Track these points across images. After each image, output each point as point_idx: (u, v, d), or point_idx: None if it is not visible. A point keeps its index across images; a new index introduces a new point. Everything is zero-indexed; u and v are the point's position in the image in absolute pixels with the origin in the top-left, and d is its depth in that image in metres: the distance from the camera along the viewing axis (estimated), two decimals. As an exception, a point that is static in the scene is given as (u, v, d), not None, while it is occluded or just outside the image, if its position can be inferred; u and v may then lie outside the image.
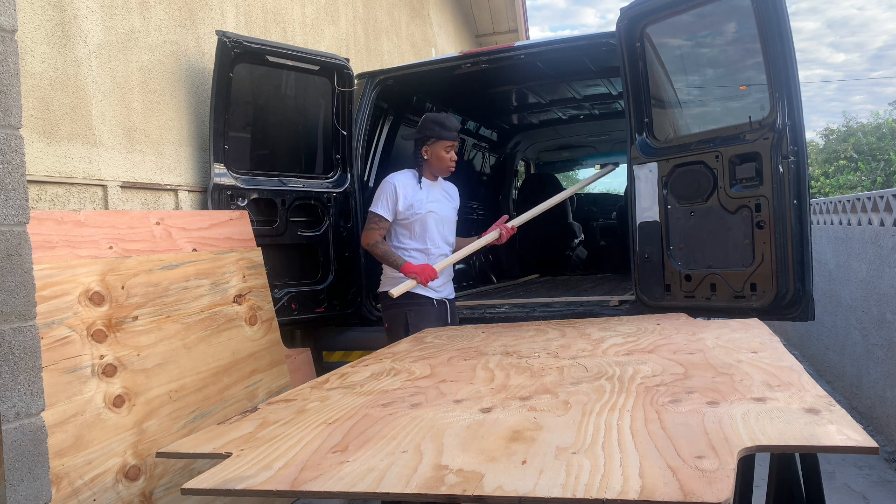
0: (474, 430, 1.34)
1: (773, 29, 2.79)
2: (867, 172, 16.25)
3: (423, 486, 1.08)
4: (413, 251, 3.31)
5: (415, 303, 3.24)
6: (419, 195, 3.31)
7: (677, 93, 3.59)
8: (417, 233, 3.30)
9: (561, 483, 1.03)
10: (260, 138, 3.70)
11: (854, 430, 1.16)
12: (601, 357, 2.04)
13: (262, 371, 3.09)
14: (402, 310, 3.24)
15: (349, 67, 3.96)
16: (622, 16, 3.27)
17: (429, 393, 1.71)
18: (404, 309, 3.24)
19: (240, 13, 3.96)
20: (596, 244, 6.98)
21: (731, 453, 1.10)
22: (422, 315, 3.23)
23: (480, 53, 4.11)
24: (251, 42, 3.48)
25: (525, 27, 10.27)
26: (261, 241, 3.42)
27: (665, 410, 1.39)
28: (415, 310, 3.24)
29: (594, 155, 7.85)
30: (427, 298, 3.27)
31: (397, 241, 3.34)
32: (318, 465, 1.21)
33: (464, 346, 2.44)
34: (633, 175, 3.28)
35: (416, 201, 3.28)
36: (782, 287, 2.83)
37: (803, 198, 2.84)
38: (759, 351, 1.95)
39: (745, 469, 1.94)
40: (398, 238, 3.34)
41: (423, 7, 7.50)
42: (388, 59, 6.19)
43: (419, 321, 3.20)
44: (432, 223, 3.33)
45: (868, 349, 4.11)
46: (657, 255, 3.18)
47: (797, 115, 2.81)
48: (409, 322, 3.22)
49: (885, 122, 17.84)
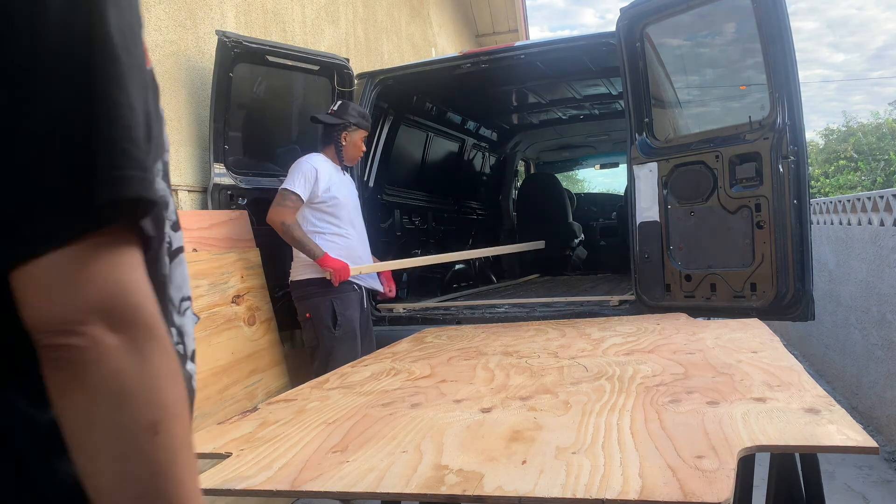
0: (474, 430, 1.34)
1: (773, 29, 2.79)
2: (867, 172, 16.25)
3: (423, 486, 1.08)
4: (331, 235, 3.23)
5: (341, 291, 3.17)
6: (335, 178, 3.27)
7: (677, 93, 3.59)
8: (335, 217, 3.24)
9: (561, 483, 1.03)
10: (260, 138, 3.70)
11: (854, 430, 1.16)
12: (601, 357, 2.04)
13: (261, 371, 3.09)
14: (328, 298, 3.16)
15: (349, 67, 3.96)
16: (622, 16, 3.27)
17: (429, 393, 1.71)
18: (330, 297, 3.16)
19: (240, 13, 3.96)
20: (596, 244, 6.98)
21: (731, 453, 1.10)
22: (346, 303, 3.19)
23: (480, 53, 4.11)
24: (251, 42, 3.48)
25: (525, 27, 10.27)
26: (260, 241, 3.42)
27: (665, 410, 1.39)
28: (341, 297, 3.17)
29: (594, 155, 7.85)
30: (352, 286, 3.24)
31: (311, 226, 3.22)
32: (318, 465, 1.21)
33: (464, 346, 2.44)
34: (632, 175, 3.28)
35: (333, 185, 3.24)
36: (782, 287, 2.84)
37: (803, 198, 2.84)
38: (759, 351, 1.95)
39: (745, 469, 1.94)
40: (312, 223, 3.23)
41: (423, 7, 7.50)
42: (388, 59, 6.19)
43: (345, 309, 3.17)
44: (351, 208, 3.34)
45: (868, 349, 4.11)
46: (657, 255, 3.18)
47: (797, 115, 2.81)
48: (335, 310, 3.16)
49: (885, 122, 17.84)
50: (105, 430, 0.53)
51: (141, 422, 0.53)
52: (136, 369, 0.53)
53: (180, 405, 0.57)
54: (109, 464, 0.53)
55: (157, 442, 0.54)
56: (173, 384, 0.56)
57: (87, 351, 0.52)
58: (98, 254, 0.53)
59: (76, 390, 0.52)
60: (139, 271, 0.56)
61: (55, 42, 0.52)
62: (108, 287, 0.53)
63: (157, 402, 0.54)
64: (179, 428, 0.56)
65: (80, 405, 0.53)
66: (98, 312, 0.52)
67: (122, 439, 0.53)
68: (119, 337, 0.53)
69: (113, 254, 0.54)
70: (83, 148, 0.52)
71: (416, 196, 5.32)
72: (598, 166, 8.41)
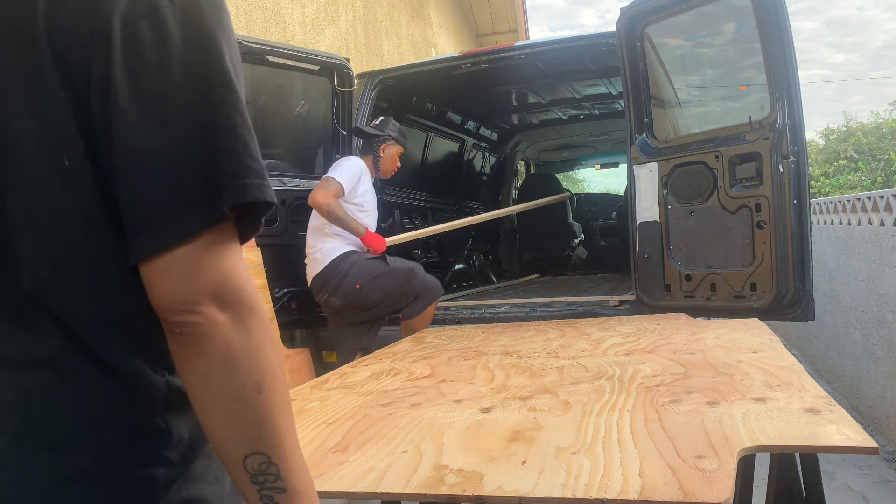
0: (474, 430, 1.34)
1: (773, 29, 2.79)
2: (867, 172, 16.24)
3: (423, 486, 1.08)
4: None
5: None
6: (369, 186, 3.52)
7: (677, 93, 3.59)
8: (361, 218, 3.45)
9: (561, 483, 1.03)
10: (260, 138, 3.66)
11: (854, 430, 1.16)
12: (601, 357, 2.04)
13: (261, 371, 3.09)
14: (364, 257, 3.40)
15: (349, 67, 3.96)
16: (622, 16, 3.27)
17: (429, 393, 1.71)
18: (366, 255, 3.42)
19: (240, 13, 3.96)
20: (596, 244, 6.98)
21: (731, 453, 1.10)
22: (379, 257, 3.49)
23: (480, 53, 4.11)
24: (251, 42, 3.48)
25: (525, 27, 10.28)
26: (261, 241, 3.41)
27: (665, 410, 1.39)
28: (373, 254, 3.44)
29: (594, 155, 7.85)
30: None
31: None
32: (318, 465, 1.21)
33: (464, 346, 2.44)
34: (633, 175, 3.28)
35: (368, 191, 3.48)
36: (782, 287, 2.83)
37: (803, 198, 2.84)
38: (759, 351, 1.95)
39: (745, 469, 1.94)
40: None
41: (423, 7, 7.50)
42: (388, 59, 6.19)
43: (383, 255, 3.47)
44: (375, 215, 3.58)
45: (868, 349, 4.11)
46: (657, 255, 3.18)
47: (797, 115, 2.81)
48: (378, 259, 3.42)
49: (885, 122, 17.82)
50: (219, 390, 0.66)
51: (248, 382, 0.66)
52: (242, 340, 0.66)
53: (278, 369, 0.69)
54: (224, 416, 0.67)
55: (261, 399, 0.67)
56: (272, 352, 0.69)
57: (202, 326, 0.64)
58: (212, 247, 0.65)
59: (195, 358, 0.65)
60: (240, 259, 0.68)
61: (182, 74, 0.64)
62: (219, 274, 0.65)
63: (259, 367, 0.67)
64: (279, 387, 0.69)
65: (200, 370, 0.66)
66: (211, 295, 0.64)
67: (233, 397, 0.66)
68: (227, 314, 0.65)
69: (222, 246, 0.66)
70: (211, 163, 0.65)
71: (416, 196, 5.32)
72: (598, 166, 8.41)
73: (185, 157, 0.64)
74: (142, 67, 0.63)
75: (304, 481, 0.71)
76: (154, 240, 0.63)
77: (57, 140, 0.65)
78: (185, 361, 0.66)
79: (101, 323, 0.68)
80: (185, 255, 0.64)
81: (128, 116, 0.63)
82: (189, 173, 0.64)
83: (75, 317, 0.67)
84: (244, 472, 0.68)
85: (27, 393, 0.67)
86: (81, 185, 0.65)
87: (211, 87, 0.66)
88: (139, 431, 0.69)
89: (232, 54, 0.68)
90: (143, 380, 0.69)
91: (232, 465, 0.68)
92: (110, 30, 0.63)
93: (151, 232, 0.63)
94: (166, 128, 0.63)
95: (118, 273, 0.66)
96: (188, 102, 0.64)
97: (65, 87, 0.64)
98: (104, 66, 0.63)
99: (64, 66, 0.63)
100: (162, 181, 0.63)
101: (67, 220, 0.66)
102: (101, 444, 0.67)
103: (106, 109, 0.63)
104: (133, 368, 0.69)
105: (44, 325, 0.67)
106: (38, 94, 0.64)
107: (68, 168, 0.65)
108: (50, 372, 0.67)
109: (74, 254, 0.67)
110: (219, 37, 0.67)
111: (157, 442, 0.70)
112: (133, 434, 0.69)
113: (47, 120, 0.64)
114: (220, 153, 0.65)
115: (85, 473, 0.66)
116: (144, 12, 0.64)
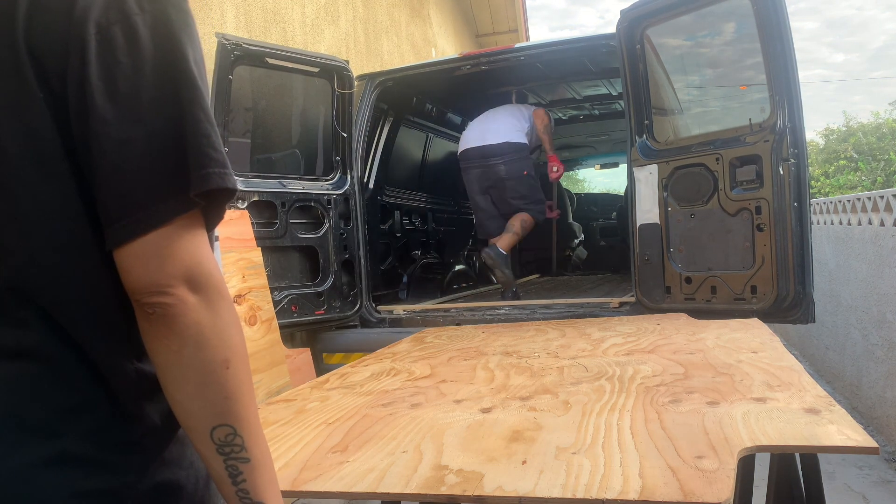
0: (474, 431, 1.34)
1: (773, 31, 2.79)
2: (867, 172, 16.23)
3: (423, 487, 1.08)
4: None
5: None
6: None
7: (677, 95, 3.59)
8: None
9: (561, 483, 1.03)
10: (260, 140, 3.70)
11: (854, 430, 1.16)
12: (601, 357, 2.04)
13: (261, 371, 3.09)
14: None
15: (349, 69, 3.96)
16: (622, 17, 3.27)
17: (429, 393, 1.71)
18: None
19: (240, 13, 3.96)
20: (596, 244, 6.98)
21: (731, 453, 1.10)
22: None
23: (480, 55, 4.11)
24: (251, 44, 3.48)
25: (525, 27, 10.28)
26: (261, 242, 3.41)
27: (665, 410, 1.39)
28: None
29: (594, 155, 7.85)
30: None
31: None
32: (318, 465, 1.21)
33: (464, 346, 2.44)
34: (633, 177, 3.28)
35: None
36: (783, 290, 2.83)
37: (804, 200, 2.84)
38: (759, 351, 1.96)
39: (745, 469, 1.94)
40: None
41: (423, 7, 7.50)
42: (388, 59, 6.20)
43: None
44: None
45: (868, 349, 4.11)
46: (657, 258, 3.18)
47: (797, 118, 2.81)
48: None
49: (885, 122, 17.81)
50: (190, 366, 0.71)
51: (217, 359, 0.71)
52: (212, 320, 0.71)
53: (243, 348, 0.75)
54: (194, 391, 0.72)
55: (228, 374, 0.72)
56: (238, 332, 0.74)
57: (175, 307, 0.69)
58: (183, 232, 0.70)
59: (169, 336, 0.70)
60: (208, 245, 0.73)
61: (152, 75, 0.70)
62: (190, 258, 0.70)
63: (227, 345, 0.72)
64: (243, 364, 0.74)
65: (172, 347, 0.70)
66: (182, 278, 0.69)
67: (203, 372, 0.71)
68: (197, 296, 0.70)
69: (192, 231, 0.71)
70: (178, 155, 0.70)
71: (417, 197, 5.33)
72: (598, 166, 8.41)
73: (157, 149, 0.69)
74: (116, 68, 0.69)
75: (265, 453, 0.77)
76: (131, 225, 0.68)
77: (37, 138, 0.70)
78: (159, 340, 0.71)
79: (78, 311, 0.72)
80: (159, 240, 0.69)
81: (103, 113, 0.68)
82: (161, 163, 0.69)
83: (54, 306, 0.72)
84: (211, 443, 0.73)
85: (7, 381, 0.71)
86: (60, 180, 0.70)
87: (177, 86, 0.71)
88: (113, 417, 0.74)
89: (196, 56, 0.74)
90: (116, 367, 0.74)
91: (199, 438, 0.73)
92: (86, 35, 0.68)
93: (128, 218, 0.68)
94: (139, 123, 0.69)
95: (94, 262, 0.71)
96: (158, 99, 0.70)
97: (43, 88, 0.69)
98: (80, 67, 0.68)
99: (42, 68, 0.69)
100: (137, 170, 0.68)
101: (48, 212, 0.71)
102: (77, 430, 0.71)
103: (83, 107, 0.68)
104: (107, 356, 0.74)
105: (24, 316, 0.71)
106: (17, 96, 0.69)
107: (48, 164, 0.70)
108: (30, 361, 0.71)
109: (54, 245, 0.71)
110: (184, 40, 0.73)
111: (130, 427, 0.75)
112: (108, 420, 0.73)
113: (27, 119, 0.69)
114: (186, 145, 0.70)
115: (62, 457, 0.70)
116: (117, 19, 0.70)
